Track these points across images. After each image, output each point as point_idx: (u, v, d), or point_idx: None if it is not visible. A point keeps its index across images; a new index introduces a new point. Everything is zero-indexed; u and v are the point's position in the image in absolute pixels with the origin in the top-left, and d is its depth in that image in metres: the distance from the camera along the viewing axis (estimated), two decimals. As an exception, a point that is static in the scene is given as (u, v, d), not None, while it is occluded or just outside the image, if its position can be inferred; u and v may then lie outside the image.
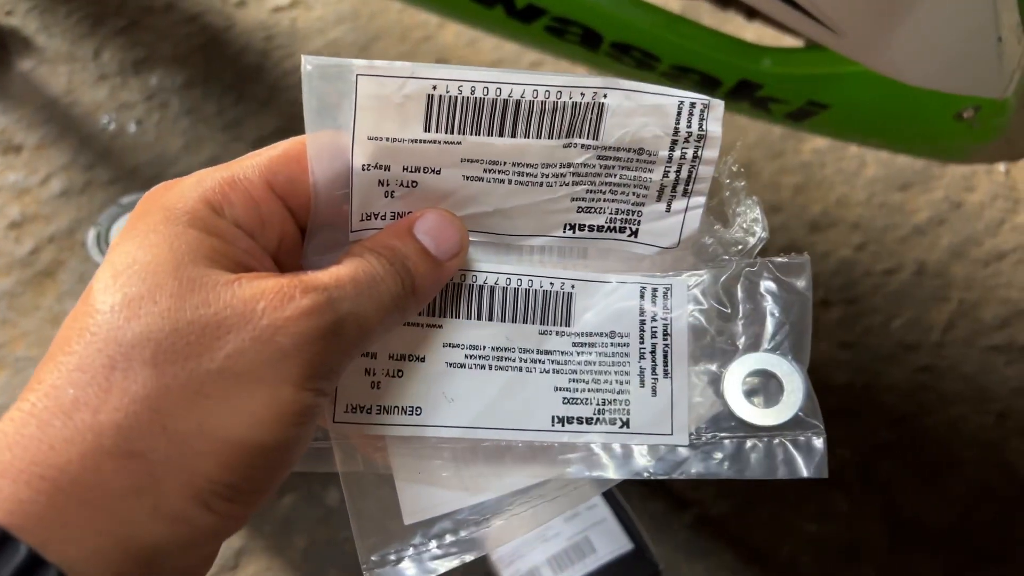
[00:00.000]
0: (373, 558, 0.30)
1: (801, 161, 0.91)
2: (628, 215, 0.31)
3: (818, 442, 0.30)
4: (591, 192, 0.30)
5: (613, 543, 0.57)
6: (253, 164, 0.27)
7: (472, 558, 0.30)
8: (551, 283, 0.31)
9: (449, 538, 0.30)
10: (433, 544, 0.30)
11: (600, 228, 0.31)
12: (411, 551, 0.30)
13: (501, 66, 0.81)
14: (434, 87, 0.27)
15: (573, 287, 0.31)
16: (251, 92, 0.96)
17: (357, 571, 0.30)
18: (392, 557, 0.30)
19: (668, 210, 0.31)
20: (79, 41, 1.04)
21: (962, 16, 0.45)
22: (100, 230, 0.74)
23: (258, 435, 0.23)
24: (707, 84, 0.58)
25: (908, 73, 0.49)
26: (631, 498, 0.67)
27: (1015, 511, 0.73)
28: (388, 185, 0.29)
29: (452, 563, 0.30)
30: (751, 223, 0.31)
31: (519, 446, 0.30)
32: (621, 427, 0.30)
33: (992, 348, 0.80)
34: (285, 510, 0.74)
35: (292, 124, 0.93)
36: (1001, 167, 0.90)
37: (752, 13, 0.67)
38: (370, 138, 0.28)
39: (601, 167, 0.30)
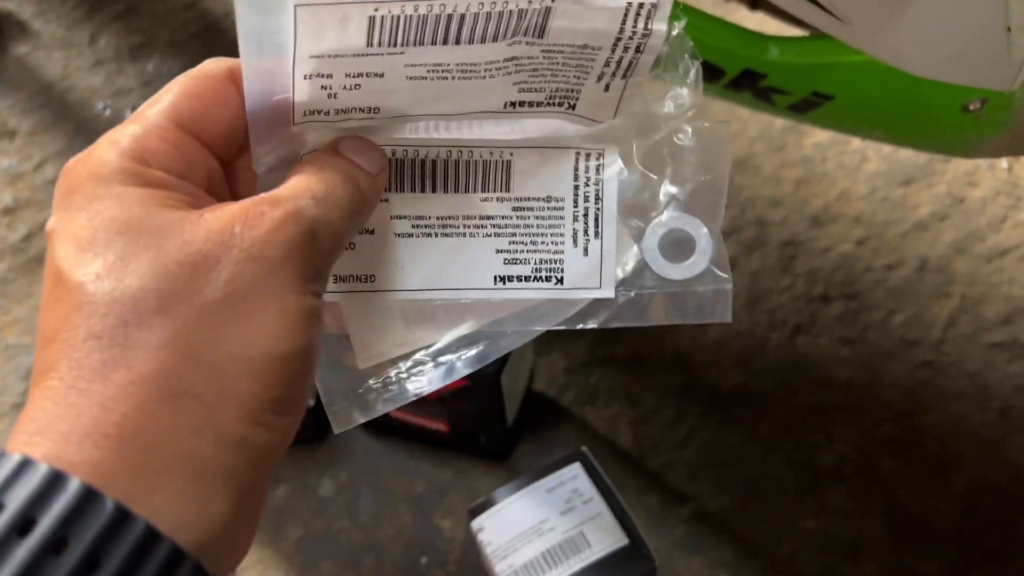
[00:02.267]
0: (335, 408, 0.33)
1: (802, 155, 0.90)
2: (567, 93, 0.32)
3: (725, 291, 0.34)
4: (533, 76, 0.31)
5: (608, 538, 0.57)
6: (158, 111, 0.27)
7: (428, 391, 0.33)
8: (490, 152, 0.33)
9: (404, 376, 0.33)
10: (392, 384, 0.33)
11: (540, 104, 0.32)
12: (369, 392, 0.33)
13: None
14: (376, 9, 0.27)
15: (512, 155, 0.33)
16: (248, 79, 0.96)
17: (351, 564, 0.30)
18: (351, 399, 0.33)
19: (607, 90, 0.32)
20: (75, 26, 1.03)
21: (971, 6, 0.45)
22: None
23: (280, 345, 0.24)
24: (709, 74, 0.57)
25: (915, 63, 0.48)
26: (627, 492, 0.67)
27: (1017, 508, 0.72)
28: (331, 89, 0.29)
29: (408, 399, 0.33)
30: (682, 98, 0.33)
31: (465, 303, 0.33)
32: (556, 284, 0.33)
33: (994, 345, 0.80)
34: (278, 501, 0.74)
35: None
36: (1003, 163, 0.89)
37: (756, 2, 0.66)
38: (312, 56, 0.28)
39: (544, 58, 0.30)
